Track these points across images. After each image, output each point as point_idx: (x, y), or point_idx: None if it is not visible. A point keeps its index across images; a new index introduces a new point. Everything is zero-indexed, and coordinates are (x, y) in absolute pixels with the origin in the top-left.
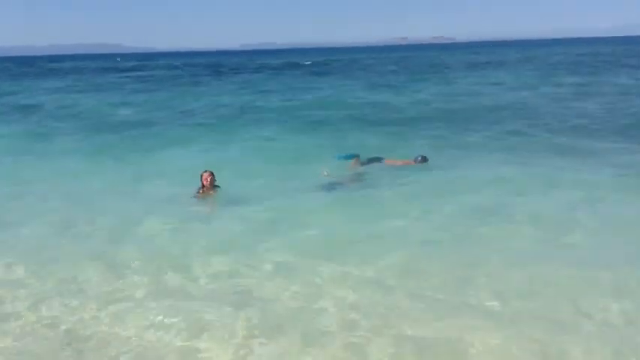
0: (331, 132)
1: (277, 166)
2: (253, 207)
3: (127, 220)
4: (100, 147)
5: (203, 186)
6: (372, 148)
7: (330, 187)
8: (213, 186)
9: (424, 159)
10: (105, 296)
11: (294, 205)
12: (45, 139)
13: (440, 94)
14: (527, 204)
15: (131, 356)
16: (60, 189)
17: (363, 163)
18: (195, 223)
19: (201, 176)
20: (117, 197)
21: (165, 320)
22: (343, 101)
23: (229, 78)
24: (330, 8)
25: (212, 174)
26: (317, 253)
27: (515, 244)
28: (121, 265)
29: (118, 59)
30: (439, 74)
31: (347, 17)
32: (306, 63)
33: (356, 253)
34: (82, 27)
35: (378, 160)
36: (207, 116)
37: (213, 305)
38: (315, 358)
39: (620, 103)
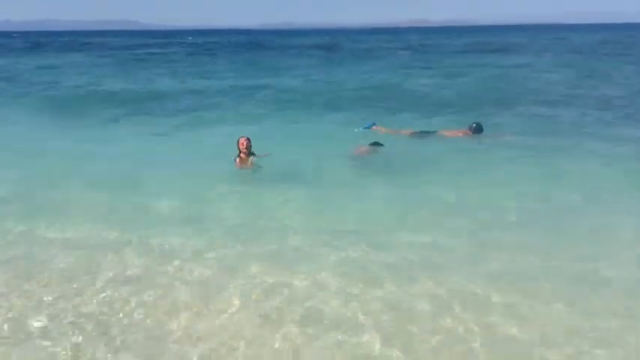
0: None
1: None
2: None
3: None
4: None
5: (240, 152)
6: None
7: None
8: (250, 153)
9: (478, 127)
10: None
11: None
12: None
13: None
14: None
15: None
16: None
17: (413, 135)
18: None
19: (238, 142)
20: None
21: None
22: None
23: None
24: None
25: (248, 139)
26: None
27: None
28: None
29: (190, 38)
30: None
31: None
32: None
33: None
34: (97, 3)
35: (431, 133)
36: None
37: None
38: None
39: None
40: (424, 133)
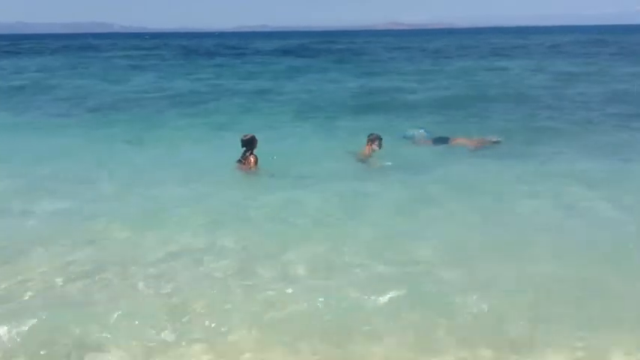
0: None
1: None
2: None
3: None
4: None
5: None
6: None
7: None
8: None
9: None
10: None
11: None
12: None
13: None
14: None
15: None
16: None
17: (425, 142)
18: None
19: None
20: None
21: None
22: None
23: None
24: None
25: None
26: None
27: None
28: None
29: (147, 37)
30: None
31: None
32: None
33: None
34: (73, 5)
35: (445, 140)
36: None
37: None
38: None
39: None
40: (439, 140)
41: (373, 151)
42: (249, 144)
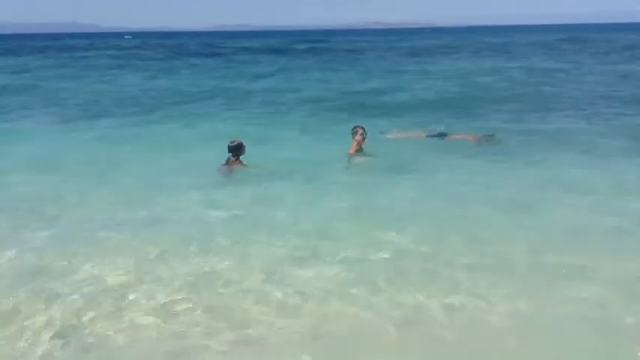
0: None
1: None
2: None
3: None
4: None
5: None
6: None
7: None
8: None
9: (491, 136)
10: None
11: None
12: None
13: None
14: None
15: None
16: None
17: (426, 135)
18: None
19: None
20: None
21: None
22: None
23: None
24: None
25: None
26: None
27: None
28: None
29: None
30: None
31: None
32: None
33: None
34: (54, 5)
35: (442, 135)
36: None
37: None
38: None
39: None
40: (439, 136)
41: (363, 140)
42: (236, 150)
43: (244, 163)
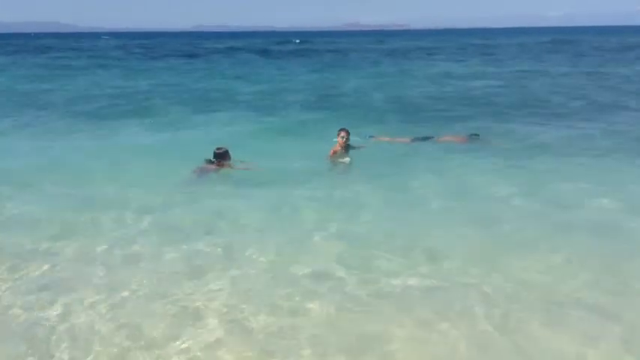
0: None
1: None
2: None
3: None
4: None
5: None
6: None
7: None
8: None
9: (475, 135)
10: None
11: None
12: None
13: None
14: None
15: None
16: None
17: (413, 141)
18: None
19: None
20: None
21: None
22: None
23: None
24: None
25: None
26: None
27: None
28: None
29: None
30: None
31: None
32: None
33: None
34: (29, 4)
35: (428, 138)
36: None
37: None
38: None
39: None
40: (423, 139)
41: (345, 142)
42: (222, 157)
43: (231, 164)
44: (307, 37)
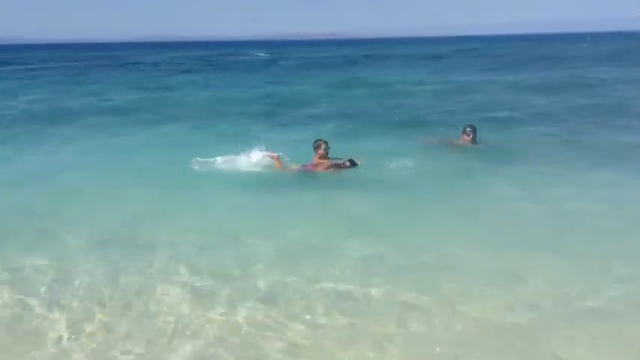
0: None
1: None
2: None
3: None
4: None
5: None
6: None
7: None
8: None
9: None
10: None
11: None
12: None
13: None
14: None
15: None
16: None
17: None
18: None
19: None
20: None
21: None
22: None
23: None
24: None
25: None
26: None
27: None
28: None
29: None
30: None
31: (229, 9)
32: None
33: None
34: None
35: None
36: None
37: None
38: None
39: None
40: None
41: (326, 154)
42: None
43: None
44: (250, 47)
